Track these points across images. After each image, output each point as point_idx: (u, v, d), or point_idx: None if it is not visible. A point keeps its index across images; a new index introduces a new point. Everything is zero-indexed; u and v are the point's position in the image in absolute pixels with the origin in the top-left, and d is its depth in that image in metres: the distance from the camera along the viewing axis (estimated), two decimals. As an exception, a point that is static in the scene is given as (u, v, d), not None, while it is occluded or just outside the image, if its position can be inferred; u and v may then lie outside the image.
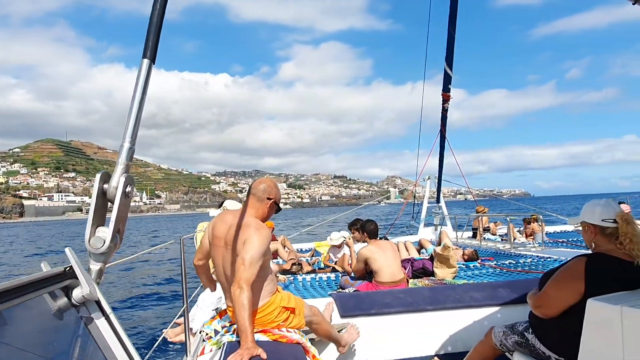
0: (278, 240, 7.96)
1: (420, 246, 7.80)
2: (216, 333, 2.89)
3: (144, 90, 1.46)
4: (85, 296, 1.27)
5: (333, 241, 7.03)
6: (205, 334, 2.97)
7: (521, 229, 9.92)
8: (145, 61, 1.47)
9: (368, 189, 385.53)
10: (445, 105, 10.44)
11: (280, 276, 5.95)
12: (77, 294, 1.27)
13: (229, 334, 2.76)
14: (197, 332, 3.83)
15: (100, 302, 1.31)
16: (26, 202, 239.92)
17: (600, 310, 2.03)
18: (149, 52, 1.48)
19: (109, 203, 1.38)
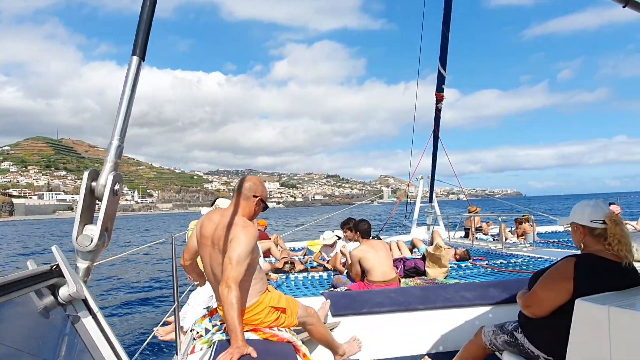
0: (271, 239, 7.95)
1: (412, 246, 7.83)
2: (207, 332, 2.87)
3: (133, 87, 1.46)
4: (71, 294, 1.25)
5: (326, 240, 7.03)
6: (196, 333, 2.96)
7: (513, 229, 9.99)
8: (135, 58, 1.47)
9: (361, 188, 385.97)
10: (438, 105, 10.47)
11: (273, 275, 5.94)
12: (63, 292, 1.26)
13: (219, 332, 2.75)
14: (188, 330, 3.81)
15: (88, 301, 1.30)
16: (16, 201, 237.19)
17: (588, 310, 2.05)
18: (139, 50, 1.47)
19: (97, 201, 1.37)
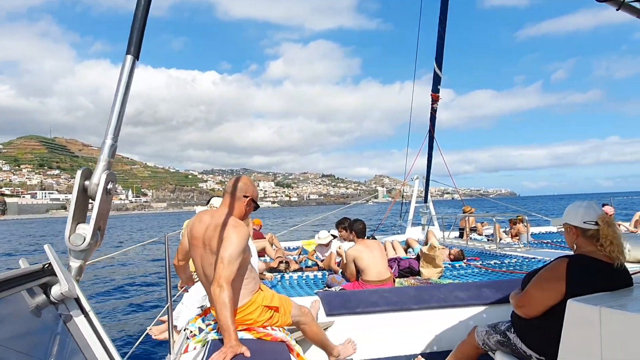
0: (266, 238, 7.94)
1: (407, 245, 7.84)
2: (200, 331, 2.87)
3: (127, 86, 1.46)
4: (64, 293, 1.25)
5: (321, 240, 7.02)
6: (190, 332, 2.95)
7: (507, 229, 10.04)
8: (129, 57, 1.46)
9: (356, 188, 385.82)
10: (434, 106, 10.49)
11: (267, 274, 5.93)
12: (55, 291, 1.25)
13: (213, 332, 2.75)
14: (182, 329, 3.81)
15: (80, 300, 1.29)
16: (9, 200, 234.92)
17: (579, 310, 2.06)
18: (133, 49, 1.47)
19: (90, 200, 1.37)
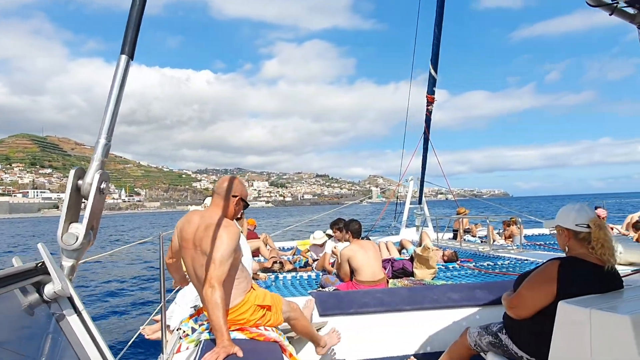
0: (260, 239, 7.93)
1: (401, 246, 7.86)
2: (193, 331, 2.87)
3: (122, 86, 1.46)
4: (57, 292, 1.25)
5: (316, 240, 7.01)
6: (183, 332, 2.95)
7: (500, 231, 10.08)
8: (124, 57, 1.46)
9: (350, 188, 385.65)
10: (429, 108, 10.53)
11: (261, 274, 5.93)
12: (48, 289, 1.25)
13: (206, 331, 2.75)
14: (175, 329, 3.79)
15: (73, 299, 1.29)
16: (0, 199, 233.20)
17: (570, 312, 2.08)
18: (127, 48, 1.47)
19: (83, 199, 1.37)
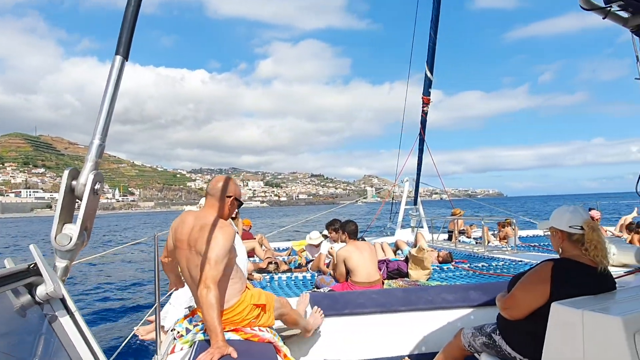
0: (255, 239, 7.92)
1: (396, 247, 7.87)
2: (188, 331, 2.86)
3: (116, 87, 1.45)
4: (49, 293, 1.25)
5: (312, 240, 7.00)
6: (177, 333, 2.94)
7: (495, 232, 10.11)
8: (118, 58, 1.46)
9: (345, 188, 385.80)
10: (424, 109, 10.55)
11: (256, 275, 5.92)
12: (41, 291, 1.25)
13: (201, 332, 2.74)
14: (169, 330, 3.78)
15: (65, 300, 1.29)
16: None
17: (563, 313, 2.09)
18: (122, 49, 1.46)
19: (77, 200, 1.36)
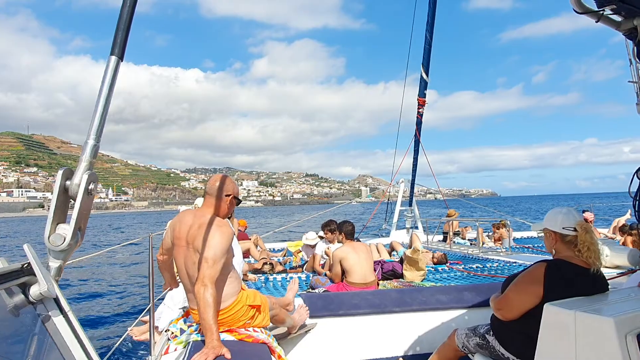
0: (251, 240, 7.91)
1: (391, 248, 7.88)
2: (182, 332, 2.85)
3: (111, 87, 1.44)
4: (42, 293, 1.24)
5: (308, 240, 6.98)
6: (171, 333, 2.93)
7: (490, 233, 10.16)
8: (113, 58, 1.45)
9: (339, 187, 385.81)
10: (420, 110, 10.59)
11: (251, 275, 5.91)
12: (34, 291, 1.25)
13: (195, 333, 2.73)
14: (163, 330, 3.77)
15: (59, 300, 1.28)
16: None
17: (556, 314, 2.11)
18: (117, 49, 1.45)
19: (71, 200, 1.36)
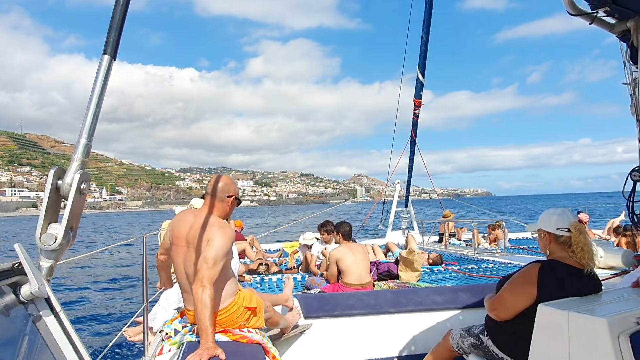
0: (247, 240, 7.89)
1: (387, 249, 7.89)
2: (176, 333, 2.84)
3: (104, 86, 1.44)
4: (33, 293, 1.23)
5: (305, 240, 6.97)
6: (165, 334, 2.92)
7: (485, 234, 10.18)
8: (106, 57, 1.45)
9: (335, 187, 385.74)
10: (416, 111, 10.60)
11: (247, 276, 5.90)
12: (25, 290, 1.24)
13: (189, 333, 2.72)
14: (158, 331, 3.75)
15: (50, 300, 1.27)
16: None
17: (549, 315, 2.12)
18: (110, 49, 1.45)
19: (63, 199, 1.35)
